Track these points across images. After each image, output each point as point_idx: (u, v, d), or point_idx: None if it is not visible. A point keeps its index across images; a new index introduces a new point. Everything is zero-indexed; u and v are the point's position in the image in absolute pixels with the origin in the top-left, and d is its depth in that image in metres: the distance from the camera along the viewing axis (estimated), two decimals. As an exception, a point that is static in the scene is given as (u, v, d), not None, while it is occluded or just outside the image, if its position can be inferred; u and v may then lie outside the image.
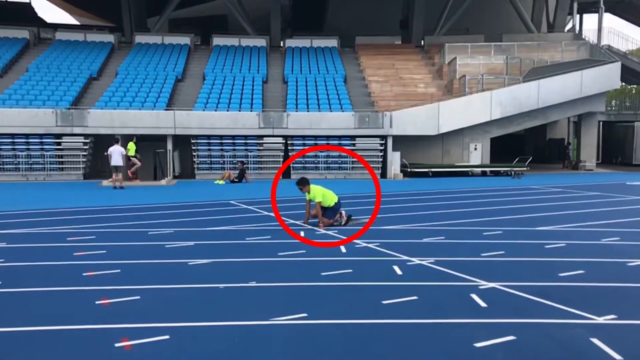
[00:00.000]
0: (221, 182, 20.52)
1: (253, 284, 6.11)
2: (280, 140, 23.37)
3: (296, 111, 24.04)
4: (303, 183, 10.15)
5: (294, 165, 23.35)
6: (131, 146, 19.76)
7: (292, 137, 23.41)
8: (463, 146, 25.58)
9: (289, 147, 23.35)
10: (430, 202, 14.41)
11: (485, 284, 6.03)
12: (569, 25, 39.64)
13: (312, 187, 10.10)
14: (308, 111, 24.14)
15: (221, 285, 6.02)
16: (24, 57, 28.97)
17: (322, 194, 10.02)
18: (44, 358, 4.09)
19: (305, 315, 5.01)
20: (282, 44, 34.04)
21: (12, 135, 21.81)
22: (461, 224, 10.44)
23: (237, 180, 20.69)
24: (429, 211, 12.38)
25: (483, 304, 5.34)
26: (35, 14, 46.57)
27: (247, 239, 8.87)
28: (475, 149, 25.58)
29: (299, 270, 6.79)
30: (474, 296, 5.59)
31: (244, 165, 21.50)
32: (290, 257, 7.48)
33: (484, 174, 25.30)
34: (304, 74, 28.73)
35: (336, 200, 10.16)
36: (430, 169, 24.18)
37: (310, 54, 31.71)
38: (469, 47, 29.41)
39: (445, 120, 24.11)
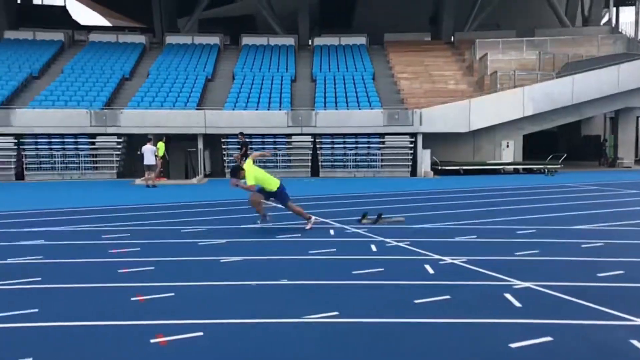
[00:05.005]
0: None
1: (284, 281, 6.13)
2: (308, 138, 23.41)
3: (325, 109, 24.05)
4: (235, 171, 9.38)
5: (323, 163, 23.36)
6: (160, 146, 20.07)
7: (321, 135, 23.43)
8: (495, 143, 25.18)
9: (318, 146, 23.38)
10: (462, 200, 14.23)
11: (519, 284, 5.92)
12: (605, 19, 38.58)
13: (247, 169, 9.27)
14: (336, 109, 24.11)
15: (253, 283, 6.06)
16: (60, 59, 29.70)
17: (254, 176, 9.19)
18: (83, 353, 4.19)
19: (336, 313, 5.00)
20: (310, 43, 34.09)
21: (49, 135, 22.39)
22: (493, 222, 10.28)
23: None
24: (461, 209, 12.22)
25: (518, 304, 5.24)
26: (70, 16, 47.67)
27: (277, 237, 8.91)
28: (508, 146, 25.16)
29: (330, 269, 6.79)
30: (508, 296, 5.49)
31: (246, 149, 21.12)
32: (321, 256, 7.48)
33: (516, 171, 24.86)
34: (333, 72, 28.71)
35: (278, 185, 9.44)
36: (461, 167, 23.88)
37: (339, 52, 31.66)
38: (500, 42, 28.91)
39: (477, 117, 23.77)
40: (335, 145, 23.52)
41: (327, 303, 5.34)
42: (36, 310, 5.14)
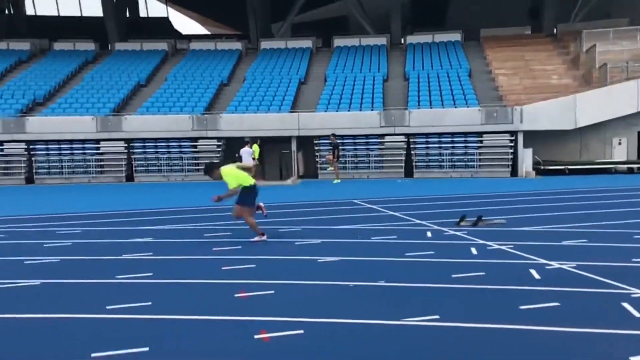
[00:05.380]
0: (338, 180, 20.81)
1: (382, 283, 6.08)
2: (402, 138, 23.13)
3: (418, 108, 23.65)
4: (209, 169, 8.80)
5: (417, 164, 22.99)
6: (255, 148, 20.70)
7: (415, 135, 23.06)
8: (605, 141, 23.45)
9: (411, 146, 23.03)
10: (568, 202, 13.38)
11: (639, 293, 5.45)
12: None
13: (224, 170, 8.61)
14: (431, 108, 23.63)
15: (351, 284, 6.07)
16: (164, 67, 31.60)
17: (235, 177, 8.52)
18: (194, 344, 4.39)
19: (437, 317, 4.88)
20: (402, 42, 33.68)
21: (155, 140, 23.87)
22: (606, 225, 9.56)
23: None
24: (568, 212, 11.49)
25: (637, 314, 4.82)
26: (172, 27, 50.62)
27: (373, 238, 8.87)
28: (620, 143, 23.33)
29: (429, 271, 6.64)
30: (626, 305, 5.07)
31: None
32: (419, 258, 7.34)
33: (630, 171, 23.00)
34: (426, 70, 28.17)
35: (252, 182, 8.69)
36: (566, 166, 22.50)
37: (432, 50, 31.02)
38: (611, 32, 26.86)
39: (583, 113, 22.28)
40: (430, 145, 23.05)
41: (427, 306, 5.22)
42: (150, 303, 5.48)
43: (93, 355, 4.18)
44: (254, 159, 19.75)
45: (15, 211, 13.36)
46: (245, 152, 19.04)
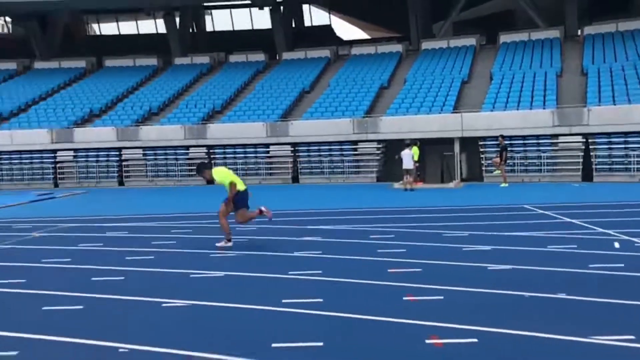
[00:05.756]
0: (505, 184, 19.67)
1: (562, 295, 5.58)
2: (579, 138, 21.14)
3: (599, 105, 21.42)
4: (200, 169, 9.02)
5: (598, 166, 20.82)
6: (415, 151, 20.45)
7: (594, 134, 20.92)
8: None
9: (591, 146, 20.92)
10: None
11: None
12: None
13: (216, 170, 8.88)
14: (614, 104, 21.26)
15: (526, 294, 5.67)
16: (326, 73, 32.78)
17: (226, 175, 8.69)
18: (363, 343, 4.45)
19: (632, 337, 4.33)
20: (579, 33, 30.84)
21: (319, 143, 24.85)
22: None
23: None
24: None
25: None
26: (334, 34, 52.34)
27: (548, 246, 8.21)
28: None
29: (618, 286, 5.96)
30: None
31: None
32: (606, 271, 6.62)
33: None
34: (608, 63, 25.41)
35: (245, 187, 8.80)
36: None
37: (616, 40, 27.87)
38: None
39: None
40: (614, 146, 20.72)
41: (618, 324, 4.67)
42: (321, 300, 5.68)
43: (273, 345, 4.45)
44: (414, 161, 19.55)
45: (196, 208, 14.84)
46: (405, 154, 18.93)
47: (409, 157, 18.92)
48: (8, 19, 42.65)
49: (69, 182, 25.79)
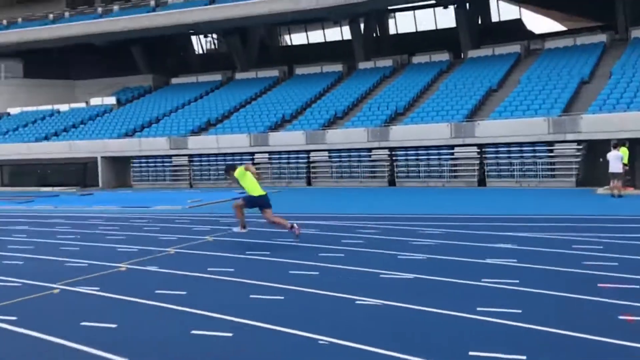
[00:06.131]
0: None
1: None
2: None
3: None
4: (227, 170, 10.33)
5: None
6: (624, 152, 18.08)
7: None
8: None
9: None
10: None
11: None
12: None
13: (238, 171, 9.66)
14: None
15: None
16: (516, 70, 30.79)
17: (244, 174, 9.50)
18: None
19: None
20: None
21: (508, 145, 23.43)
22: None
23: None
24: None
25: None
26: (525, 28, 49.04)
27: None
28: None
29: None
30: None
31: None
32: None
33: None
34: None
35: (262, 193, 9.60)
36: None
37: None
38: None
39: None
40: None
41: None
42: (520, 310, 5.29)
43: (471, 353, 4.25)
44: (623, 164, 17.32)
45: (381, 210, 15.01)
46: (612, 156, 16.85)
47: (616, 159, 16.83)
48: (215, 35, 48.09)
49: (265, 182, 28.13)
